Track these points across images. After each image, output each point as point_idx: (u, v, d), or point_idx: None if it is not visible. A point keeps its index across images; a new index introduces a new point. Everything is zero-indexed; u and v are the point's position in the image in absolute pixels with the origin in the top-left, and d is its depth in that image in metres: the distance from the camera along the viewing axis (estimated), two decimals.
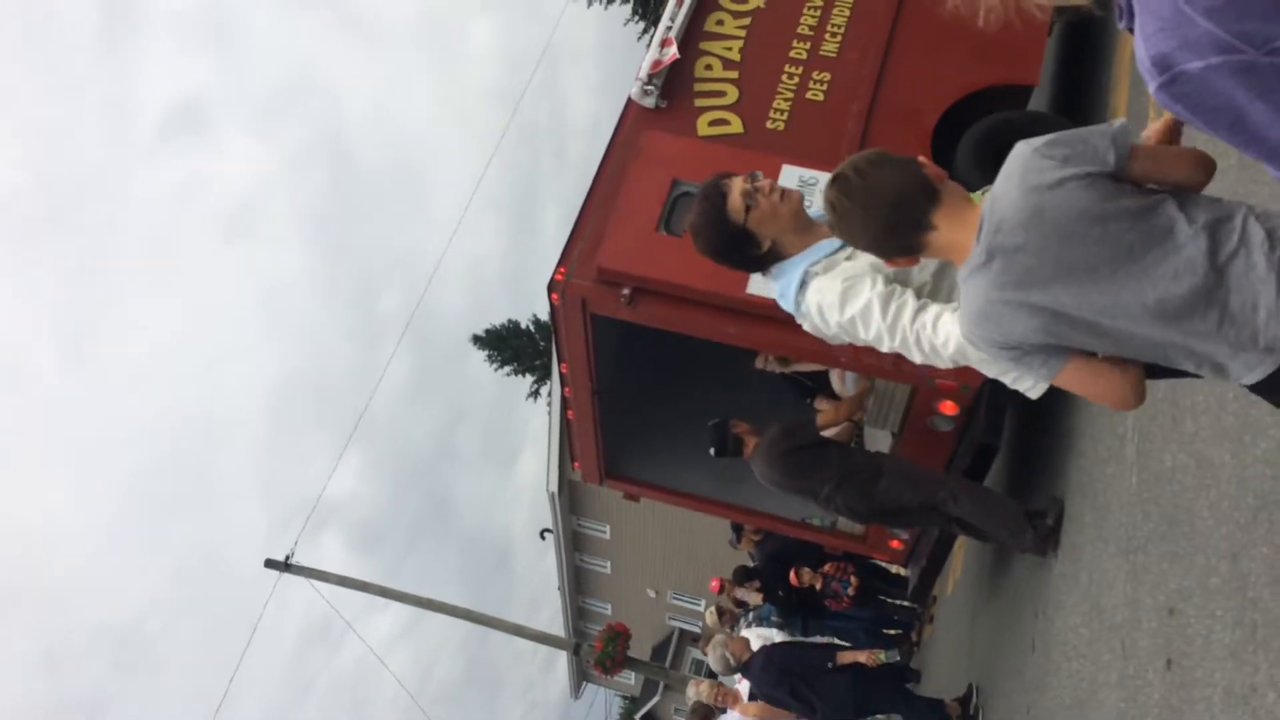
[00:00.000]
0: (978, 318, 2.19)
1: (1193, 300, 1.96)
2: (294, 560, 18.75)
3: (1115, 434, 5.26)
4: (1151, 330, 2.05)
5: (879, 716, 8.07)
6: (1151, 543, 4.43)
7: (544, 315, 46.89)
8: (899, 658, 8.88)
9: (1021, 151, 2.10)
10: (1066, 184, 1.98)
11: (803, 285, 3.05)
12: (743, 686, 8.00)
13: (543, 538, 25.49)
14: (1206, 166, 2.11)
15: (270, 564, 18.65)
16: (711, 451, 6.75)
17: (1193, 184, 2.09)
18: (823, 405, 7.40)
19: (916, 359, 2.94)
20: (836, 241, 3.00)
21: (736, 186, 3.08)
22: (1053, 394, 2.47)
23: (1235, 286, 1.94)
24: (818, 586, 9.07)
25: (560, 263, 6.62)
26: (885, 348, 2.97)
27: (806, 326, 3.16)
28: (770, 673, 7.11)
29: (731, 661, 7.33)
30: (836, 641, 9.19)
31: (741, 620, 9.85)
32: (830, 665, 7.20)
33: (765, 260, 3.14)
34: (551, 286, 6.57)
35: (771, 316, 6.07)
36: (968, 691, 6.97)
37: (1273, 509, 3.44)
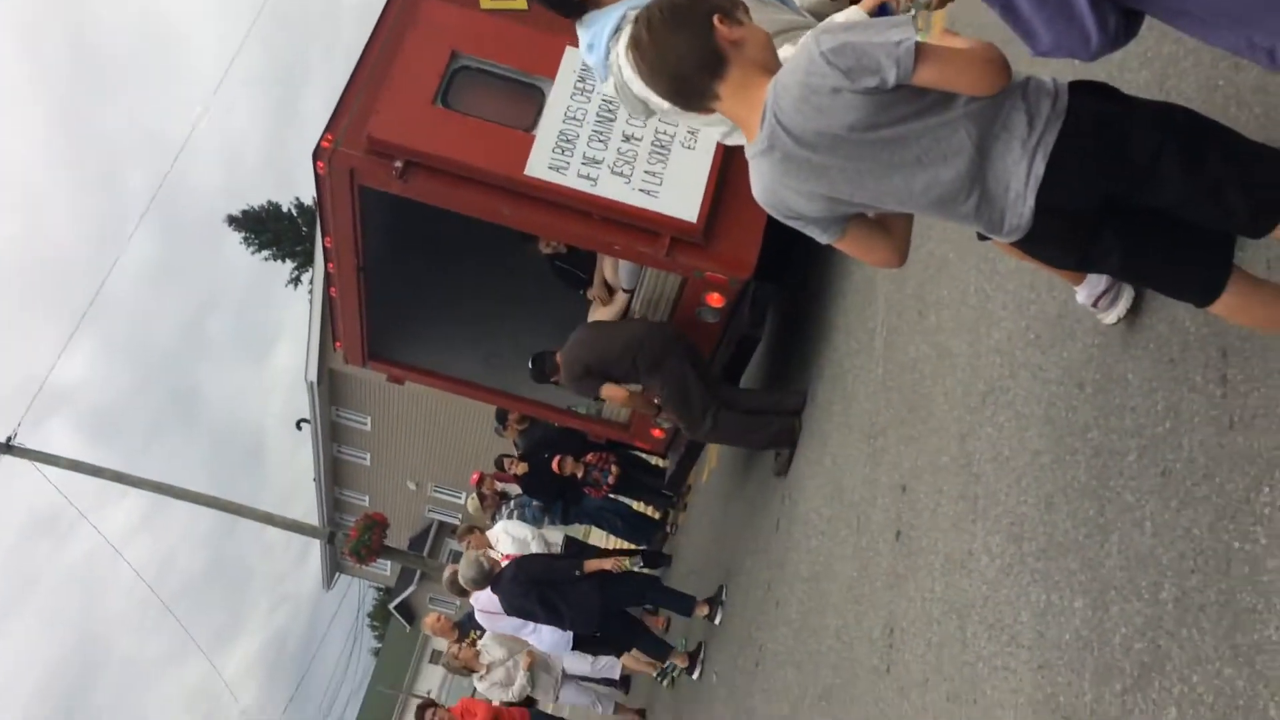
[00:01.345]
0: (763, 195, 2.26)
1: (959, 184, 2.06)
2: (16, 442, 17.31)
3: (866, 328, 5.58)
4: (922, 212, 2.17)
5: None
6: (891, 427, 4.76)
7: (308, 199, 44.59)
8: (644, 566, 9.27)
9: (809, 50, 2.06)
10: (843, 94, 2.00)
11: (617, 32, 2.81)
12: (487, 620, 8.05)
13: (299, 428, 24.65)
14: (993, 75, 2.00)
15: None
16: (532, 377, 7.03)
17: (981, 94, 2.03)
18: (595, 296, 7.45)
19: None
20: None
21: None
22: (809, 291, 2.57)
23: (994, 169, 2.05)
24: (579, 475, 9.25)
25: (328, 129, 6.25)
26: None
27: (609, 88, 2.94)
28: (520, 583, 7.20)
29: (485, 565, 7.38)
30: (589, 545, 9.57)
31: (503, 508, 9.92)
32: (578, 574, 7.42)
33: (585, 5, 2.93)
34: (318, 154, 6.21)
35: (549, 200, 6.03)
36: (717, 592, 7.34)
37: (999, 394, 3.76)
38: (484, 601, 7.53)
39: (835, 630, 4.73)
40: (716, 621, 7.21)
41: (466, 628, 8.59)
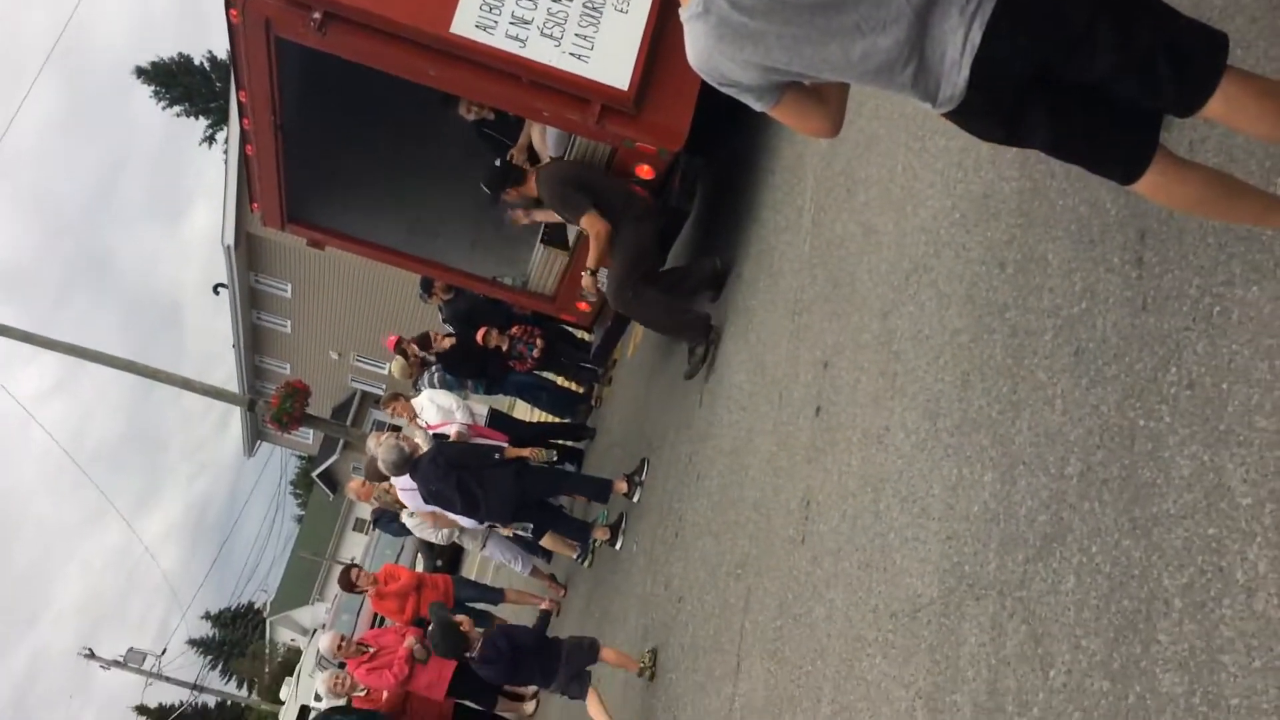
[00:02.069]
0: (698, 60, 2.20)
1: (896, 51, 2.02)
2: None
3: (795, 205, 5.56)
4: (859, 81, 2.12)
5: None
6: (816, 304, 4.79)
7: (222, 53, 42.55)
8: (568, 440, 9.35)
9: None
10: None
11: None
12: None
13: (216, 293, 24.11)
14: None
15: None
16: (484, 183, 6.81)
17: None
18: (517, 157, 7.31)
19: None
20: None
21: None
22: (739, 167, 2.52)
23: (931, 35, 2.01)
24: (504, 348, 9.20)
25: None
26: None
27: None
28: (439, 466, 7.16)
29: (405, 450, 7.34)
30: (513, 418, 9.61)
31: (426, 374, 9.83)
32: (497, 457, 7.44)
33: None
34: (230, 2, 5.88)
35: (475, 61, 5.81)
36: (639, 466, 7.41)
37: (922, 272, 3.79)
38: (404, 480, 7.52)
39: (754, 502, 4.84)
40: (635, 499, 7.33)
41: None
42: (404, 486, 7.58)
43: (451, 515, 7.60)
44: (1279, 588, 1.98)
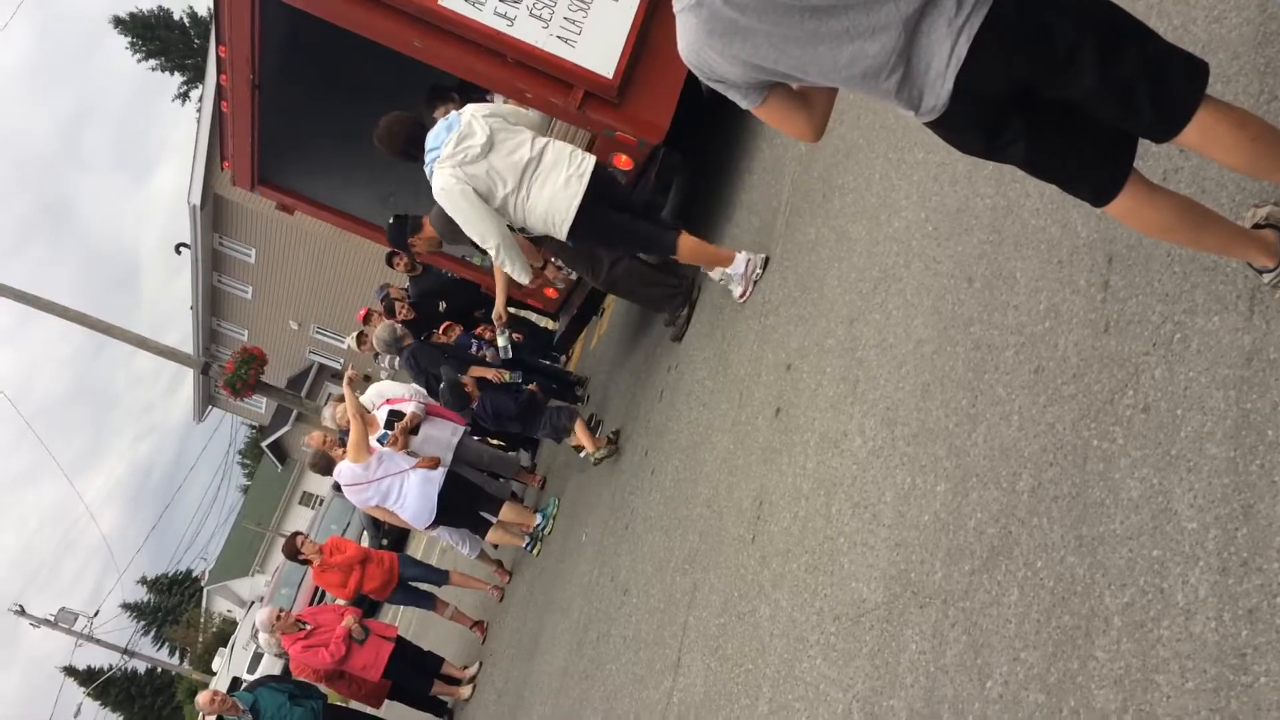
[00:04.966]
0: (687, 52, 2.20)
1: (883, 58, 2.03)
2: None
3: (770, 206, 5.57)
4: (845, 86, 2.13)
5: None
6: (784, 307, 4.81)
7: (202, 9, 42.01)
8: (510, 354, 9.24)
9: None
10: None
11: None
12: (381, 413, 8.03)
13: (178, 252, 23.71)
14: None
15: None
16: (390, 239, 7.17)
17: None
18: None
19: None
20: None
21: None
22: (717, 165, 2.52)
23: (919, 46, 2.02)
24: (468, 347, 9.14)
25: None
26: None
27: None
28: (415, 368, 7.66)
29: (397, 333, 7.60)
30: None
31: (387, 359, 9.75)
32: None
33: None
34: None
35: (462, 36, 5.77)
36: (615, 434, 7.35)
37: (891, 281, 3.82)
38: (347, 476, 7.45)
39: (706, 499, 4.85)
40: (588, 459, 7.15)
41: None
42: (347, 481, 7.49)
43: (395, 509, 7.54)
44: (1217, 612, 2.02)
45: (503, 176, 5.32)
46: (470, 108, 5.54)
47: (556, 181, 5.31)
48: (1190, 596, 2.09)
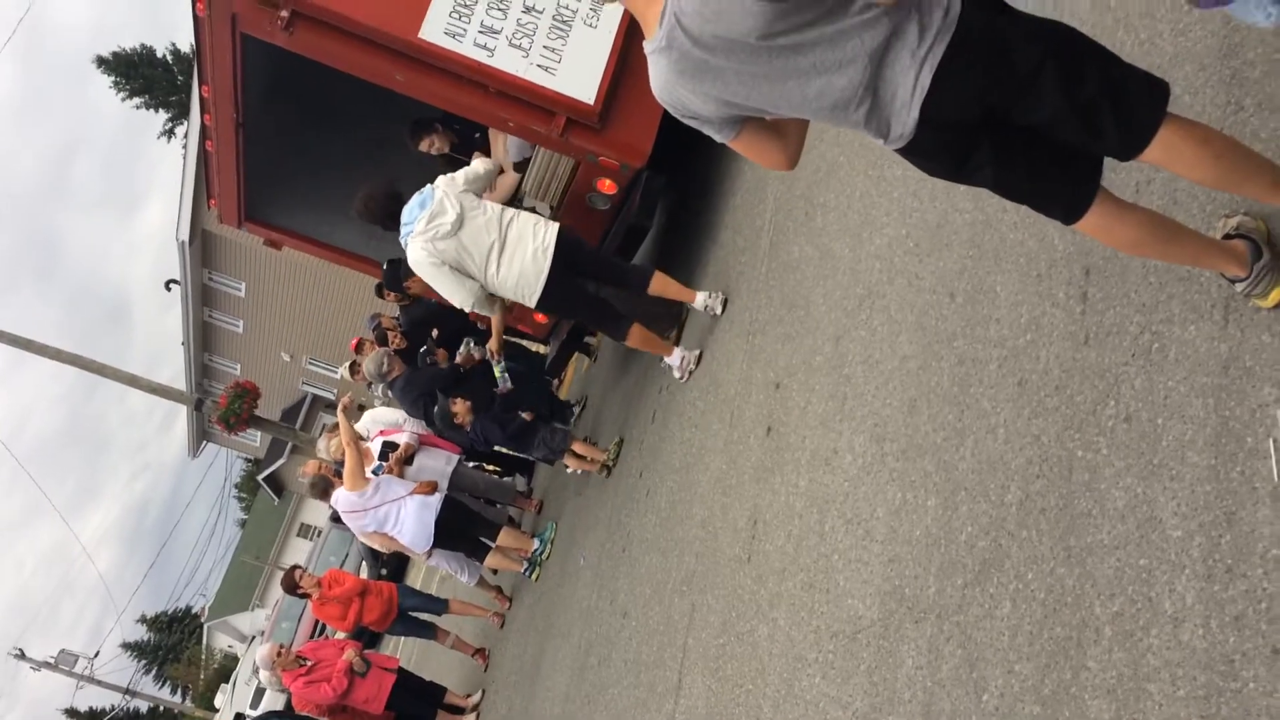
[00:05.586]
0: (661, 91, 2.24)
1: (851, 91, 2.06)
2: None
3: (754, 226, 5.61)
4: (815, 118, 2.17)
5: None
6: (770, 325, 4.84)
7: (185, 46, 42.11)
8: (509, 384, 9.25)
9: None
10: (744, 0, 1.97)
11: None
12: (374, 445, 8.05)
13: (168, 288, 23.71)
14: None
15: None
16: (386, 284, 7.33)
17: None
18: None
19: None
20: None
21: None
22: (701, 187, 2.55)
23: (884, 76, 2.06)
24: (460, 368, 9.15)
25: None
26: None
27: None
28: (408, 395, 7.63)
29: (385, 365, 7.62)
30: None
31: (380, 387, 9.76)
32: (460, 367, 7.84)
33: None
34: None
35: (443, 68, 5.81)
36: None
37: (875, 298, 3.85)
38: (344, 503, 7.45)
39: (701, 520, 4.87)
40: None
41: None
42: (344, 508, 7.49)
43: (393, 533, 7.53)
44: (1205, 619, 2.04)
45: (471, 253, 5.79)
46: (442, 182, 5.91)
47: (525, 257, 5.75)
48: (1178, 604, 2.11)
